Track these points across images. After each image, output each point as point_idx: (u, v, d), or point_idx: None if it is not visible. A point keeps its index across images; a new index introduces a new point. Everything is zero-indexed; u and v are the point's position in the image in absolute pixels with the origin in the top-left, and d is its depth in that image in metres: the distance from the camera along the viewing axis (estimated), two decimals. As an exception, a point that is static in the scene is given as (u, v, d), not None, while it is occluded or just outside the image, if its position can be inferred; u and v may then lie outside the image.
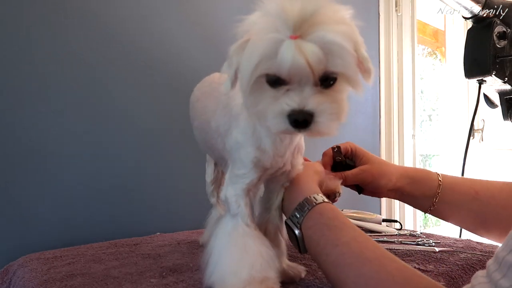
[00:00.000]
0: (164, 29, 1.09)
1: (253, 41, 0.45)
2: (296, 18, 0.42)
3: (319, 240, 0.52)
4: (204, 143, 0.72)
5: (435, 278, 0.62)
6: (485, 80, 1.15)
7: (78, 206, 0.95)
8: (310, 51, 0.41)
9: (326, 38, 0.42)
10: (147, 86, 1.07)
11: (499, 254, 0.35)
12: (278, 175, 0.61)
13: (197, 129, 0.74)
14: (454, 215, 0.75)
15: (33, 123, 0.89)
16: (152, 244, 0.90)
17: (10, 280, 0.74)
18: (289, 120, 0.44)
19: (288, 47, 0.42)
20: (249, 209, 0.56)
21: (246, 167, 0.56)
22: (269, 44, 0.43)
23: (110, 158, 1.00)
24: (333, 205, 0.56)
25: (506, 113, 1.21)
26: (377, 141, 1.80)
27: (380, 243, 0.86)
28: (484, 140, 2.19)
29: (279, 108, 0.44)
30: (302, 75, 0.43)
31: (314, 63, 0.42)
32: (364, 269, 0.45)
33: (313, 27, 0.42)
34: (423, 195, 0.74)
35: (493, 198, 0.72)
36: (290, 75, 0.44)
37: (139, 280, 0.63)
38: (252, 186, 0.57)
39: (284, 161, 0.58)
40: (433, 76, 2.60)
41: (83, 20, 0.96)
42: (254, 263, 0.51)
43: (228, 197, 0.57)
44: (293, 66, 0.42)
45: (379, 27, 1.80)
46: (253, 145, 0.55)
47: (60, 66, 0.93)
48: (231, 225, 0.56)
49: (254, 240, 0.54)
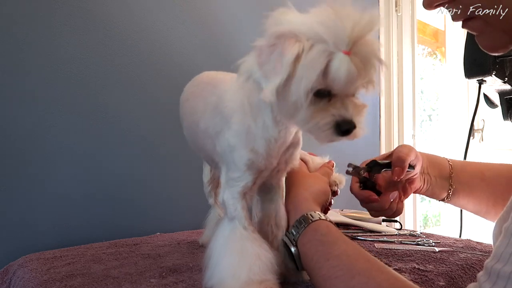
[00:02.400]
0: (165, 29, 1.09)
1: (311, 54, 0.45)
2: (352, 35, 0.44)
3: (313, 256, 0.53)
4: (194, 143, 0.73)
5: (435, 278, 0.62)
6: (485, 80, 1.15)
7: (78, 206, 0.95)
8: (360, 67, 0.45)
9: (370, 55, 0.46)
10: (148, 86, 1.07)
11: (488, 265, 0.36)
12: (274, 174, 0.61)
13: (186, 129, 0.74)
14: (470, 197, 0.75)
15: (32, 124, 0.89)
16: (152, 244, 0.90)
17: (10, 280, 0.74)
18: (339, 130, 0.47)
19: (344, 63, 0.44)
20: (246, 212, 0.57)
21: (240, 170, 0.56)
22: (326, 59, 0.44)
23: (110, 158, 1.00)
24: (328, 222, 0.57)
25: (506, 113, 1.20)
26: (377, 141, 1.80)
27: (380, 243, 0.86)
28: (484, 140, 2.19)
29: (328, 119, 0.47)
30: (350, 88, 0.47)
31: (361, 78, 0.46)
32: (353, 281, 0.46)
33: (358, 43, 0.45)
34: (441, 176, 0.75)
35: (498, 178, 0.73)
36: (341, 88, 0.46)
37: (139, 280, 0.63)
38: (247, 189, 0.57)
39: (278, 160, 0.59)
40: (433, 76, 2.60)
41: (82, 20, 0.96)
42: (252, 266, 0.52)
43: (226, 200, 0.58)
44: (348, 80, 0.45)
45: (379, 27, 1.80)
46: (246, 147, 0.55)
47: (60, 66, 0.93)
48: (229, 229, 0.56)
49: (252, 243, 0.54)
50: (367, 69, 0.46)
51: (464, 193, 0.76)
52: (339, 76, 0.44)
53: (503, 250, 0.35)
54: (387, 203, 0.70)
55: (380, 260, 0.52)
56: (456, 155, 2.31)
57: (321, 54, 0.44)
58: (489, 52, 0.52)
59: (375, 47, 0.47)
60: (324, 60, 0.44)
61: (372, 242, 0.88)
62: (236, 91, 0.57)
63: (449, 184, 0.75)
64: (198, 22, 1.16)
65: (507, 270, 0.33)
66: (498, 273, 0.34)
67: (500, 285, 0.33)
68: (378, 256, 0.75)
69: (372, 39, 0.47)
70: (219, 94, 0.60)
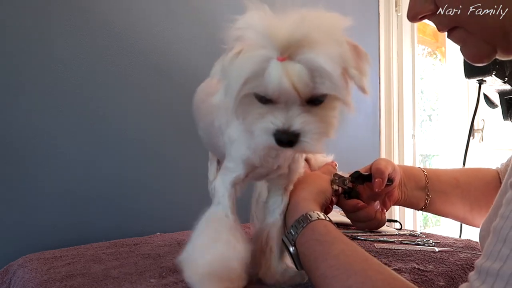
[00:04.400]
0: (165, 29, 1.09)
1: (242, 57, 0.44)
2: (284, 41, 0.41)
3: (311, 256, 0.53)
4: (209, 142, 0.74)
5: (435, 278, 0.62)
6: (485, 80, 1.15)
7: (78, 206, 0.95)
8: (297, 74, 0.41)
9: (314, 61, 0.41)
10: (148, 86, 1.07)
11: (478, 264, 0.36)
12: (275, 178, 0.61)
13: (202, 130, 0.75)
14: (446, 204, 0.77)
15: (32, 123, 0.89)
16: (152, 244, 0.90)
17: (10, 280, 0.74)
18: (274, 138, 0.45)
19: (274, 69, 0.42)
20: (231, 202, 0.58)
21: (235, 162, 0.57)
22: (256, 63, 0.43)
23: (110, 158, 1.00)
24: (327, 221, 0.57)
25: (506, 113, 1.20)
26: (377, 141, 1.80)
27: (380, 243, 0.86)
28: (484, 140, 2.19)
29: (265, 126, 0.45)
30: (288, 97, 0.44)
31: (301, 86, 0.42)
32: (349, 281, 0.46)
33: (302, 48, 0.42)
34: (417, 187, 0.77)
35: (474, 183, 0.76)
36: (276, 96, 0.44)
37: (138, 280, 0.63)
38: (239, 180, 0.58)
39: (279, 164, 0.58)
40: (433, 76, 2.60)
41: (84, 20, 0.96)
42: (219, 250, 0.53)
43: (216, 186, 0.59)
44: (279, 88, 0.42)
45: (379, 27, 1.80)
46: (244, 144, 0.56)
47: (60, 66, 0.93)
48: (211, 212, 0.58)
49: (227, 230, 0.55)
50: (315, 77, 0.42)
51: (441, 201, 0.78)
52: (271, 82, 0.42)
53: (492, 248, 0.35)
54: (373, 211, 0.71)
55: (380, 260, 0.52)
56: (456, 155, 2.31)
57: (252, 58, 0.43)
58: (474, 62, 0.53)
59: (332, 53, 0.42)
60: (253, 63, 0.43)
61: (372, 242, 0.88)
62: None
63: (426, 194, 0.77)
64: (198, 22, 1.16)
65: (496, 268, 0.33)
66: (487, 271, 0.34)
67: (489, 283, 0.33)
68: (378, 256, 0.75)
69: (332, 47, 0.42)
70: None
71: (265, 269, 0.60)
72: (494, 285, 0.33)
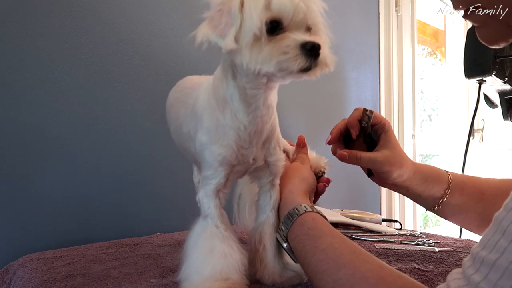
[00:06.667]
0: (165, 30, 1.09)
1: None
2: None
3: (302, 251, 0.54)
4: (180, 146, 0.74)
5: (435, 278, 0.62)
6: (485, 80, 1.15)
7: (78, 206, 0.95)
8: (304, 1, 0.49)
9: None
10: (149, 86, 1.07)
11: (474, 251, 0.36)
12: (255, 172, 0.61)
13: (173, 134, 0.76)
14: (457, 215, 0.73)
15: (32, 123, 0.89)
16: (152, 244, 0.90)
17: (10, 280, 0.74)
18: (303, 49, 0.47)
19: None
20: (218, 211, 0.58)
21: (212, 167, 0.57)
22: None
23: (110, 158, 1.00)
24: (315, 213, 0.57)
25: (506, 113, 1.21)
26: (377, 141, 1.80)
27: (380, 243, 0.86)
28: (484, 140, 2.20)
29: (290, 42, 0.47)
30: (300, 17, 0.49)
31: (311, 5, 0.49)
32: (339, 274, 0.46)
33: None
34: (431, 196, 0.72)
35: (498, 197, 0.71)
36: (291, 17, 0.48)
37: (139, 280, 0.63)
38: (220, 186, 0.58)
39: (254, 156, 0.58)
40: (433, 76, 2.60)
41: (84, 19, 0.96)
42: (216, 264, 0.53)
43: (200, 199, 0.59)
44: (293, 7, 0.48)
45: (379, 27, 1.80)
46: (216, 143, 0.56)
47: (59, 67, 0.93)
48: (201, 227, 0.58)
49: (221, 242, 0.55)
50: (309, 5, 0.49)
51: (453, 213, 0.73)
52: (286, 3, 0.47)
53: (490, 237, 0.34)
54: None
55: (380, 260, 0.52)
56: (456, 155, 2.31)
57: None
58: (489, 45, 0.51)
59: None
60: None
61: (372, 242, 0.88)
62: (204, 91, 0.60)
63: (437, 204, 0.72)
64: (199, 22, 1.15)
65: (491, 258, 0.33)
66: (483, 260, 0.33)
67: (483, 272, 0.33)
68: (378, 256, 0.75)
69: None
70: (195, 96, 0.62)
71: (262, 268, 0.60)
72: (488, 275, 0.32)
